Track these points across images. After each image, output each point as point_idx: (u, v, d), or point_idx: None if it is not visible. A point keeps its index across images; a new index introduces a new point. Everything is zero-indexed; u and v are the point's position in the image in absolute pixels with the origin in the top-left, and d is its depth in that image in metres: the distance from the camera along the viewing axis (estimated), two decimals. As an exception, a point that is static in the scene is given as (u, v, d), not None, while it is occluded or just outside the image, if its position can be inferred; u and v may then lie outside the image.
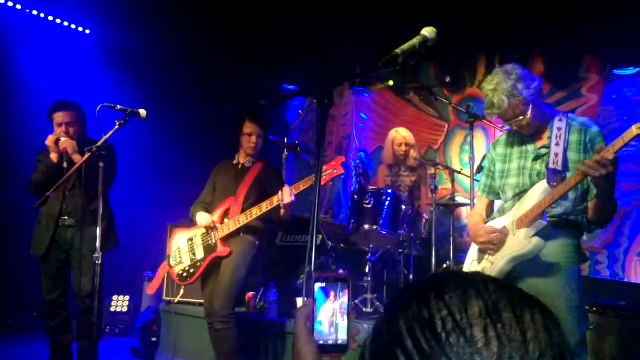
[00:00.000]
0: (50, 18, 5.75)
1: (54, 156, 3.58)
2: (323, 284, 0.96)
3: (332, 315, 0.96)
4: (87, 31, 6.03)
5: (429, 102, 6.09)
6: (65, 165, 3.54)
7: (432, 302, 0.62)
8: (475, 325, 0.59)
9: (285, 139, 5.01)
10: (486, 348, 0.58)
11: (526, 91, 2.39)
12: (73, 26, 5.95)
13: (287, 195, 3.31)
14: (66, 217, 3.66)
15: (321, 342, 0.94)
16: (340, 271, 4.47)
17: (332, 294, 0.96)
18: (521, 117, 2.41)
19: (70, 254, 3.66)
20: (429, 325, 0.60)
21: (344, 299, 0.96)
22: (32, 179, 3.67)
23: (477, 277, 0.65)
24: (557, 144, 2.44)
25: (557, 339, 0.60)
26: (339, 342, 0.95)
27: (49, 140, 3.57)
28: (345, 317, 0.96)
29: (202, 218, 3.59)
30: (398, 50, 1.68)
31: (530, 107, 2.40)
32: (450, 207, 4.65)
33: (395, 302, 0.67)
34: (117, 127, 3.32)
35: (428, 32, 1.72)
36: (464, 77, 5.92)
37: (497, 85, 2.39)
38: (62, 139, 3.59)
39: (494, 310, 0.60)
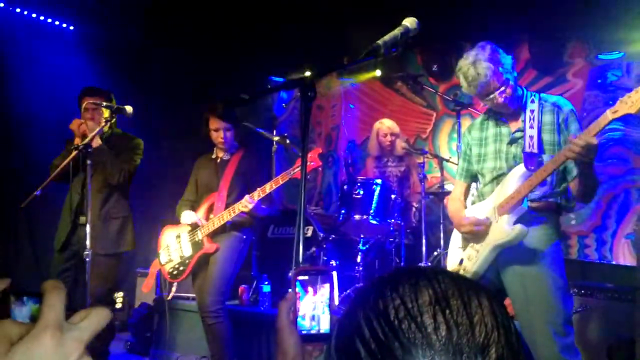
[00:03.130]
0: (34, 15, 5.69)
1: (77, 140, 3.48)
2: (305, 277, 0.98)
3: (313, 309, 0.98)
4: (71, 27, 5.98)
5: (417, 91, 6.11)
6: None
7: (387, 294, 0.66)
8: (425, 313, 0.63)
9: (274, 132, 5.01)
10: (435, 333, 0.61)
11: (502, 66, 2.42)
12: (57, 22, 5.89)
13: (245, 204, 3.35)
14: (82, 217, 3.57)
15: (304, 333, 0.96)
16: (333, 262, 4.49)
17: (312, 287, 0.98)
18: (496, 93, 2.43)
19: (80, 254, 3.55)
20: (384, 314, 0.64)
21: (326, 290, 0.98)
22: (53, 162, 3.58)
23: (429, 269, 0.69)
24: (532, 127, 2.46)
25: (503, 323, 0.64)
26: (322, 331, 0.97)
27: (73, 124, 3.49)
28: (327, 308, 0.98)
29: (187, 216, 3.61)
30: (379, 41, 1.69)
31: (506, 84, 2.43)
32: (439, 195, 4.68)
33: (356, 297, 0.71)
34: (102, 124, 3.32)
35: (409, 22, 1.73)
36: (450, 66, 5.92)
37: (476, 57, 2.42)
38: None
39: (443, 297, 0.64)
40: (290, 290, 0.99)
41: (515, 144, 2.52)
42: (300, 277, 0.98)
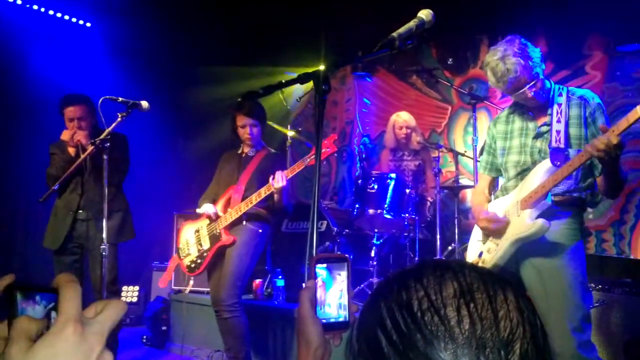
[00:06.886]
0: (51, 12, 5.74)
1: (71, 150, 3.60)
2: (324, 265, 0.97)
3: (339, 297, 0.97)
4: (89, 24, 6.03)
5: (432, 85, 6.06)
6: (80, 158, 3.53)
7: (410, 285, 0.65)
8: (449, 305, 0.62)
9: (289, 126, 5.01)
10: (458, 326, 0.61)
11: (531, 60, 2.38)
12: (74, 19, 5.94)
13: (278, 179, 3.34)
14: (81, 211, 3.69)
15: (323, 321, 0.95)
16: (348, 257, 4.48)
17: (337, 275, 0.98)
18: (526, 88, 2.38)
19: (84, 247, 3.69)
20: (407, 306, 0.63)
21: (345, 277, 0.98)
22: (48, 172, 3.68)
23: (454, 262, 0.68)
24: (559, 121, 2.42)
25: (529, 319, 0.63)
26: (340, 319, 0.96)
27: (65, 135, 3.59)
28: (346, 295, 0.98)
29: (205, 207, 3.66)
30: (394, 34, 1.67)
31: (536, 78, 2.38)
32: (454, 190, 4.66)
33: (378, 288, 0.70)
34: (119, 119, 3.35)
35: (424, 14, 1.71)
36: (466, 59, 5.88)
37: (505, 52, 2.36)
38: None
39: (467, 291, 0.63)
40: (310, 279, 0.98)
41: (540, 139, 2.48)
42: (318, 265, 0.97)
